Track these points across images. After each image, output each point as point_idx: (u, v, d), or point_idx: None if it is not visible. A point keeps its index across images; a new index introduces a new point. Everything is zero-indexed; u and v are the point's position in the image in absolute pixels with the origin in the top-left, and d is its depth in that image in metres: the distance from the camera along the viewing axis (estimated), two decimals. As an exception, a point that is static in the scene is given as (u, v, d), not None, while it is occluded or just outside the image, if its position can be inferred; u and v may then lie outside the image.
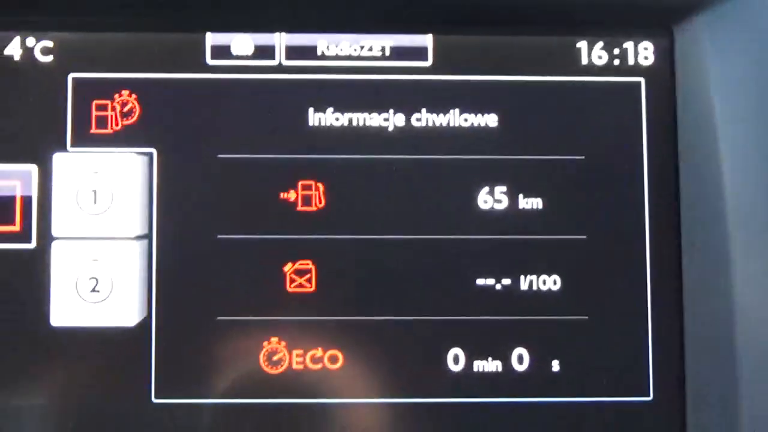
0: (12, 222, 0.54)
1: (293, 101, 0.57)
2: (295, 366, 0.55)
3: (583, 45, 0.58)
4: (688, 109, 0.58)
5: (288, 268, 0.55)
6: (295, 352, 0.55)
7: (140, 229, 0.54)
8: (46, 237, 0.54)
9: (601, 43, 0.58)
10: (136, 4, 0.56)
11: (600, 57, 0.58)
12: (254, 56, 0.57)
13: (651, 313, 0.57)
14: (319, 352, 0.55)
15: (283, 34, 0.57)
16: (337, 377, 0.55)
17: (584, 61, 0.58)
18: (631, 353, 0.57)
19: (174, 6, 0.56)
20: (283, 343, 0.55)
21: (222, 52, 0.56)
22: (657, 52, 0.58)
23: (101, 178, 0.54)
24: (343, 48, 0.57)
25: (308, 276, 0.55)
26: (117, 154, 0.55)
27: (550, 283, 0.57)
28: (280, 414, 0.55)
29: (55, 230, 0.54)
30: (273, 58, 0.57)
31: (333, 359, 0.55)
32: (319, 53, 0.57)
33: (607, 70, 0.58)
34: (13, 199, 0.54)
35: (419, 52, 0.57)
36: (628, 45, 0.58)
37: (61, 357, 0.55)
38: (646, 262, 0.57)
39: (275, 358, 0.55)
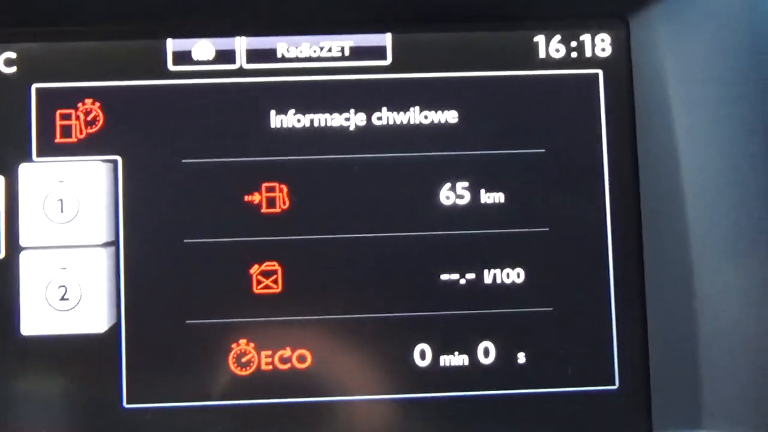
0: None
1: (255, 104, 0.55)
2: (264, 367, 0.53)
3: (540, 39, 0.56)
4: (646, 99, 0.56)
5: (254, 270, 0.53)
6: (263, 353, 0.53)
7: (107, 236, 0.52)
8: (14, 247, 0.52)
9: (558, 37, 0.56)
10: (96, 13, 0.54)
11: (557, 50, 0.56)
12: (215, 61, 0.55)
13: (614, 303, 0.55)
14: (287, 352, 0.53)
15: (243, 38, 0.55)
16: (306, 377, 0.54)
17: (542, 54, 0.56)
18: (596, 343, 0.55)
19: (133, 14, 0.54)
20: (252, 345, 0.53)
21: (183, 57, 0.54)
22: (614, 44, 0.57)
23: (67, 187, 0.52)
24: (303, 50, 0.55)
25: (274, 277, 0.53)
26: (82, 162, 0.53)
27: (514, 276, 0.55)
28: (250, 415, 0.53)
29: (23, 240, 0.52)
30: (234, 62, 0.55)
31: (301, 359, 0.53)
32: (279, 56, 0.55)
33: (564, 62, 0.56)
34: None
35: (378, 52, 0.55)
36: (585, 37, 0.56)
37: (32, 366, 0.53)
38: (609, 253, 0.55)
39: (244, 359, 0.53)
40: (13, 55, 0.54)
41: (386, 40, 0.55)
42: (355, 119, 0.54)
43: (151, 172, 0.53)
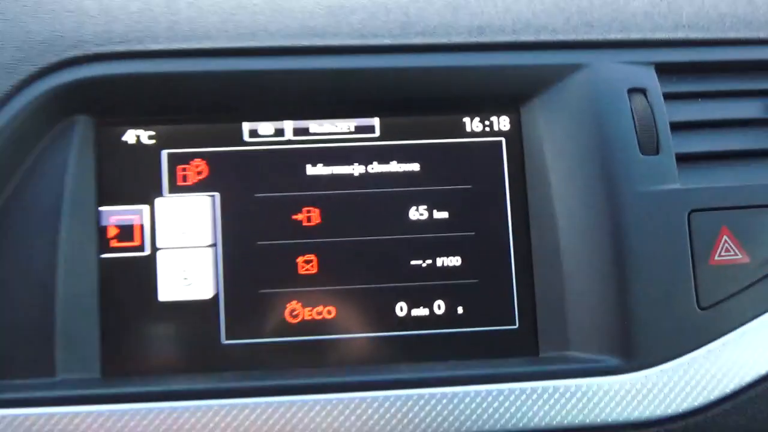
0: (134, 240, 0.63)
1: (298, 160, 0.65)
2: (306, 317, 0.64)
3: (467, 120, 0.67)
4: (531, 158, 0.66)
5: (299, 259, 0.64)
6: (306, 309, 0.64)
7: (211, 240, 0.63)
8: (154, 247, 0.63)
9: (478, 118, 0.67)
10: (202, 108, 0.64)
11: (477, 126, 0.67)
12: (273, 135, 0.65)
13: (515, 276, 0.66)
14: (320, 308, 0.64)
15: (290, 121, 0.65)
16: (332, 323, 0.64)
17: (468, 129, 0.67)
18: (504, 301, 0.65)
19: (225, 108, 0.65)
20: (299, 304, 0.64)
21: (253, 133, 0.65)
22: (511, 123, 0.67)
23: (186, 211, 0.64)
24: (327, 127, 0.65)
25: (312, 263, 0.64)
26: (194, 196, 0.64)
27: (454, 261, 0.65)
28: (299, 347, 0.64)
29: (159, 243, 0.63)
30: (284, 135, 0.65)
31: (329, 312, 0.64)
32: (311, 132, 0.65)
33: (482, 134, 0.67)
34: (133, 226, 0.63)
35: (371, 128, 0.66)
36: (494, 118, 0.67)
37: (166, 320, 0.63)
38: (510, 246, 0.66)
39: (294, 313, 0.64)
40: (153, 132, 0.64)
41: (376, 122, 0.66)
42: (358, 169, 0.65)
43: (236, 202, 0.64)
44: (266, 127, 0.65)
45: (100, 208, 0.63)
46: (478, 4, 0.66)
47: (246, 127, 0.65)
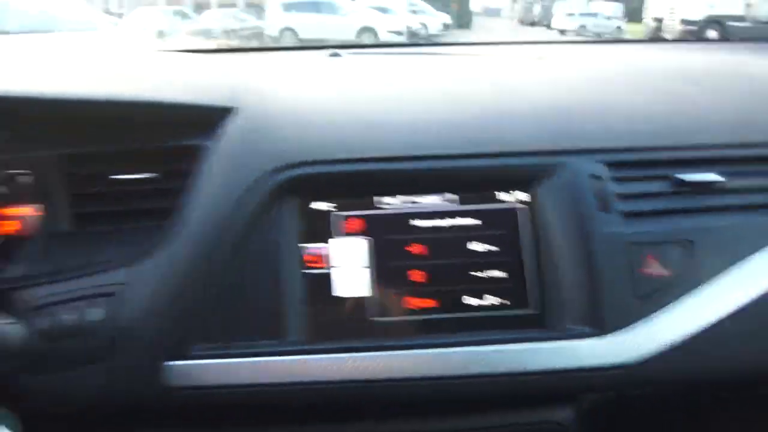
0: (320, 263, 0.83)
1: (408, 217, 0.85)
2: (419, 306, 0.82)
3: (503, 194, 0.86)
4: (538, 215, 0.85)
5: (412, 272, 0.84)
6: (418, 300, 0.83)
7: (366, 264, 0.84)
8: (330, 267, 0.83)
9: (509, 194, 0.86)
10: (356, 191, 0.84)
11: (509, 198, 0.85)
12: (393, 203, 0.86)
13: (533, 282, 0.83)
14: (427, 300, 0.83)
15: (402, 195, 0.86)
16: (433, 308, 0.83)
17: (504, 199, 0.86)
18: (524, 296, 0.83)
19: (368, 189, 0.84)
20: (414, 298, 0.82)
21: (382, 203, 0.86)
22: (528, 196, 0.85)
23: (349, 248, 0.84)
24: (424, 199, 0.86)
25: (420, 275, 0.83)
26: (354, 238, 0.84)
27: (498, 273, 0.84)
28: (417, 322, 0.82)
29: (333, 264, 0.83)
30: (399, 203, 0.86)
31: (431, 302, 0.83)
32: (415, 201, 0.86)
33: (511, 202, 0.86)
34: (320, 255, 0.83)
35: (454, 200, 0.85)
36: (518, 193, 0.86)
37: (339, 307, 0.83)
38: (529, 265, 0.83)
39: (413, 303, 0.83)
40: (330, 203, 0.84)
41: (456, 197, 0.85)
42: (442, 222, 0.84)
43: (378, 242, 0.83)
44: (390, 199, 0.86)
45: (301, 245, 0.83)
46: (511, 129, 0.91)
47: (377, 199, 0.86)
